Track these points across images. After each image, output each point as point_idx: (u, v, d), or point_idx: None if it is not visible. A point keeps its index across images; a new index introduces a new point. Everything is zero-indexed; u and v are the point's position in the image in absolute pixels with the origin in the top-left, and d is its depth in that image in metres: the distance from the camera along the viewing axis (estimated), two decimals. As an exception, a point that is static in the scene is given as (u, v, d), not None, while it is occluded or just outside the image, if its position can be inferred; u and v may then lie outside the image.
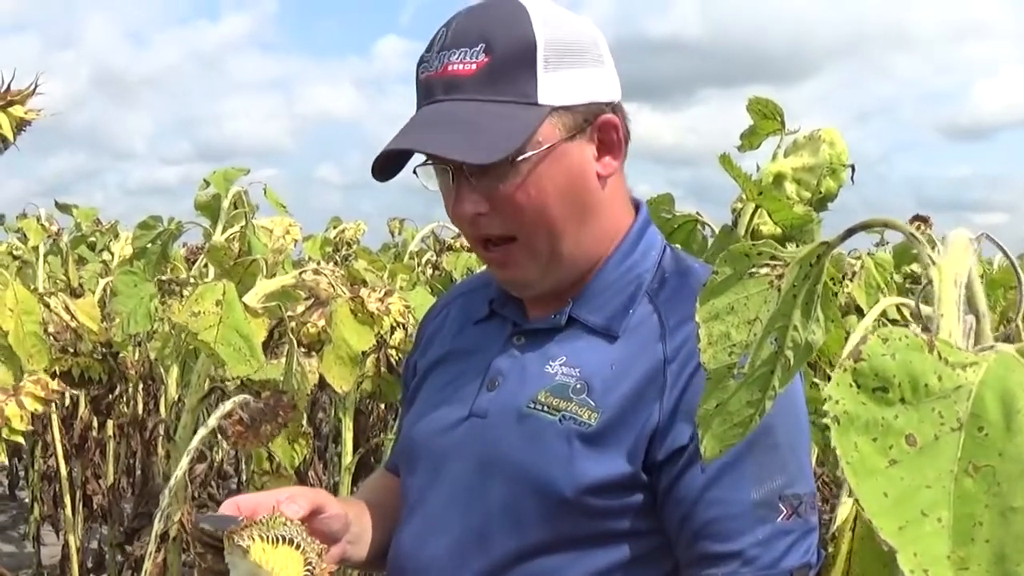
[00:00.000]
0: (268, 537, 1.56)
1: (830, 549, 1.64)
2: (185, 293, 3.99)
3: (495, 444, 1.78)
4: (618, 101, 1.82)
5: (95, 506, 5.59)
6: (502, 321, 1.92)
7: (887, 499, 0.72)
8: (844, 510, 1.68)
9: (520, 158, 1.69)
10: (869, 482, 0.73)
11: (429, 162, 1.80)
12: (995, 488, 0.71)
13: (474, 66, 1.69)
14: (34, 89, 1.44)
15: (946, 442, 0.74)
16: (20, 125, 1.45)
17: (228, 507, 1.68)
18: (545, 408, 1.73)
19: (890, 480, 0.73)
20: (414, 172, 1.83)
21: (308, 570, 1.57)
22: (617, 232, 1.85)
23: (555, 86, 1.71)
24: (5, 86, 1.43)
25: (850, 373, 0.77)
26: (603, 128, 1.78)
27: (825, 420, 0.79)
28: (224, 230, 3.54)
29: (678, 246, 2.03)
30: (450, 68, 1.71)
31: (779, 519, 1.62)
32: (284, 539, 1.57)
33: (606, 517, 1.69)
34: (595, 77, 1.78)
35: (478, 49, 1.69)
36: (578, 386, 1.72)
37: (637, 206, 1.92)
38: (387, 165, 1.81)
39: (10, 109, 1.42)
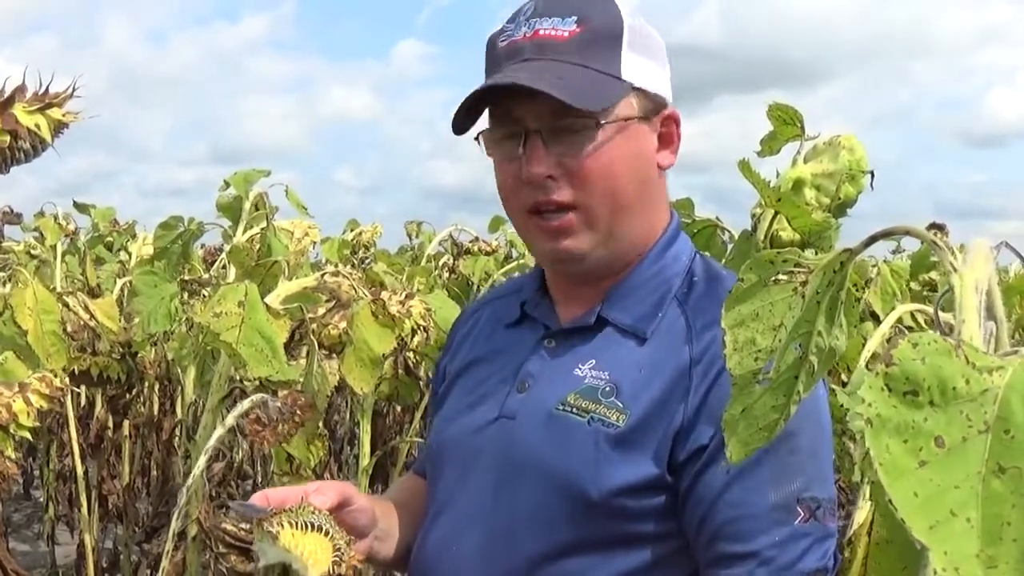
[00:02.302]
0: (297, 524, 1.59)
1: (846, 554, 1.64)
2: (206, 293, 4.00)
3: (523, 445, 1.79)
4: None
5: (110, 506, 5.59)
6: (533, 324, 1.94)
7: (917, 499, 0.73)
8: (861, 515, 1.69)
9: (603, 122, 1.73)
10: (900, 482, 0.74)
11: (493, 129, 1.83)
12: (1022, 489, 0.72)
13: (567, 33, 1.75)
14: (72, 92, 1.45)
15: (974, 444, 0.75)
16: (58, 127, 1.46)
17: (257, 498, 1.70)
18: (574, 410, 1.74)
19: (920, 481, 0.74)
20: (476, 139, 1.86)
21: (337, 557, 1.60)
22: (656, 231, 1.87)
23: (636, 67, 1.78)
24: (43, 88, 1.44)
25: (882, 377, 0.79)
26: (666, 121, 1.84)
27: (843, 426, 0.80)
28: (245, 231, 3.54)
29: (707, 253, 2.04)
30: (541, 32, 1.76)
31: (796, 521, 1.62)
32: (313, 526, 1.60)
33: (632, 519, 1.69)
34: (663, 75, 1.85)
35: (571, 20, 1.75)
36: (607, 388, 1.73)
37: (671, 213, 1.94)
38: (466, 117, 1.82)
39: (48, 111, 1.44)
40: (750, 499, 1.63)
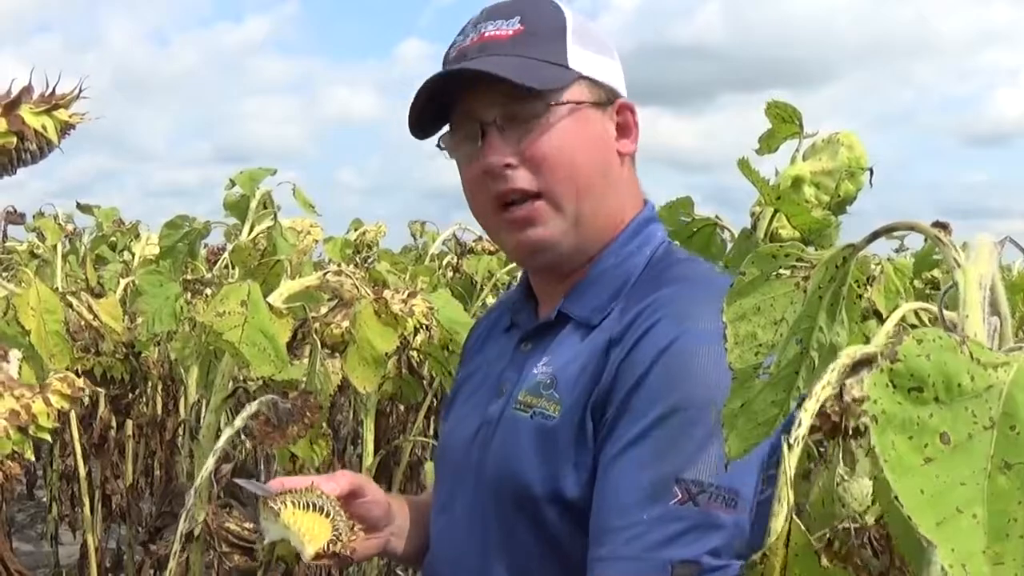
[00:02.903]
0: (300, 503, 1.67)
1: (761, 567, 1.59)
2: (208, 293, 4.00)
3: (489, 448, 1.83)
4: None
5: (114, 506, 5.60)
6: (517, 330, 1.97)
7: (924, 496, 0.73)
8: (778, 522, 1.63)
9: (552, 103, 1.76)
10: (906, 479, 0.74)
11: (453, 133, 1.87)
12: (1029, 486, 0.73)
13: (510, 32, 1.79)
14: (79, 93, 1.46)
15: (979, 440, 0.76)
16: (64, 129, 1.47)
17: (273, 485, 1.76)
18: (521, 407, 1.78)
19: (926, 477, 0.74)
20: (438, 145, 1.90)
21: (335, 536, 1.67)
22: (623, 219, 1.89)
23: (583, 58, 1.82)
24: (50, 90, 1.45)
25: (887, 373, 0.79)
26: (621, 110, 1.88)
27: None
28: (252, 230, 3.55)
29: (695, 251, 2.05)
30: (485, 34, 1.81)
31: (672, 503, 1.54)
32: (315, 507, 1.68)
33: (584, 512, 1.67)
34: (614, 68, 1.89)
35: (513, 20, 1.80)
36: (548, 382, 1.76)
37: (644, 203, 1.96)
38: (424, 121, 1.88)
39: (55, 112, 1.44)
40: (630, 473, 1.59)
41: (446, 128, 1.90)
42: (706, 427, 1.57)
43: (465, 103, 1.82)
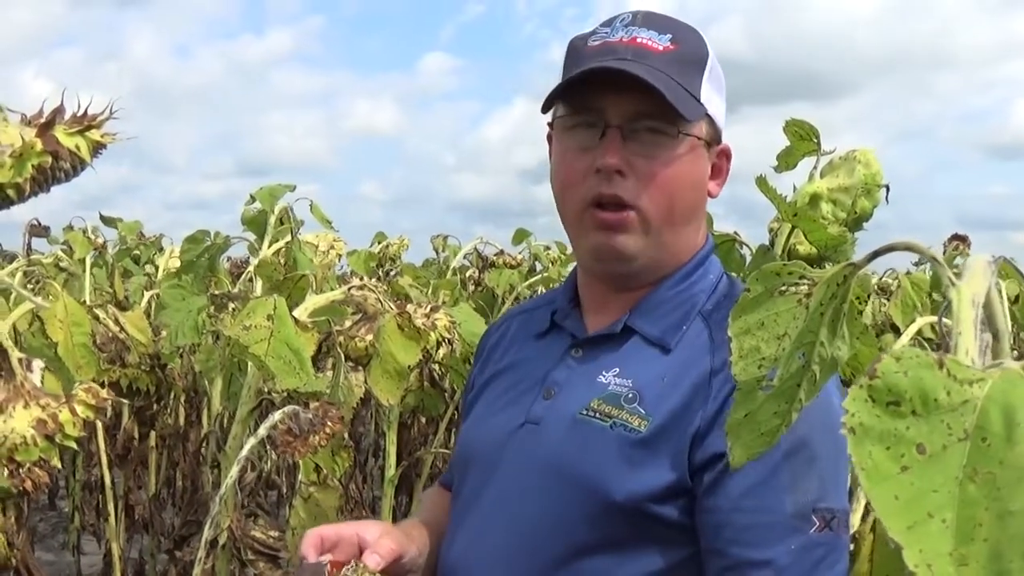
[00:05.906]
0: None
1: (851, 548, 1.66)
2: (233, 307, 4.04)
3: (546, 449, 1.83)
4: None
5: (136, 516, 5.63)
6: (561, 334, 1.98)
7: (897, 501, 0.77)
8: (856, 517, 1.71)
9: (682, 133, 1.81)
10: (881, 486, 0.78)
11: (569, 116, 1.87)
12: (995, 493, 0.77)
13: (661, 47, 1.80)
14: (110, 114, 1.50)
15: (953, 451, 0.80)
16: (96, 148, 1.51)
17: (311, 539, 1.79)
18: (597, 415, 1.78)
19: (901, 485, 0.78)
20: (549, 124, 1.93)
21: None
22: (693, 250, 1.93)
23: (710, 96, 1.85)
24: (82, 110, 1.49)
25: (866, 389, 0.83)
26: (720, 154, 1.93)
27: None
28: (270, 245, 3.58)
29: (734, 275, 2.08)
30: (639, 40, 1.81)
31: (812, 531, 1.63)
32: None
33: (653, 523, 1.72)
34: (723, 110, 1.93)
35: (666, 37, 1.82)
36: (630, 395, 1.77)
37: (707, 237, 2.00)
38: (558, 97, 1.88)
39: (88, 133, 1.49)
40: (768, 506, 1.65)
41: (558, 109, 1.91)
42: (827, 456, 1.68)
43: (600, 97, 1.82)
